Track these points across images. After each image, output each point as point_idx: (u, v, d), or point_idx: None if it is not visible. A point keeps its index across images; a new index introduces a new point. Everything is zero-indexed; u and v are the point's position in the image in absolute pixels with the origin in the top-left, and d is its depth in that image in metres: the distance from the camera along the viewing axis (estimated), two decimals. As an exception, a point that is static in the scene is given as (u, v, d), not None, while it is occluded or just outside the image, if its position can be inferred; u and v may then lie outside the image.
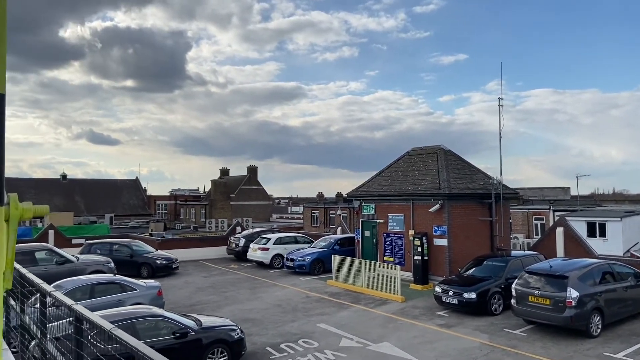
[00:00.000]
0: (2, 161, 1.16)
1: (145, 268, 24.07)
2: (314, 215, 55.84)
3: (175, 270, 25.15)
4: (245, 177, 69.17)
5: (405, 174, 24.01)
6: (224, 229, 49.26)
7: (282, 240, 27.07)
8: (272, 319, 15.65)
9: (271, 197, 78.13)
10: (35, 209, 1.26)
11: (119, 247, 25.11)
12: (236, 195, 66.23)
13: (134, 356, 2.31)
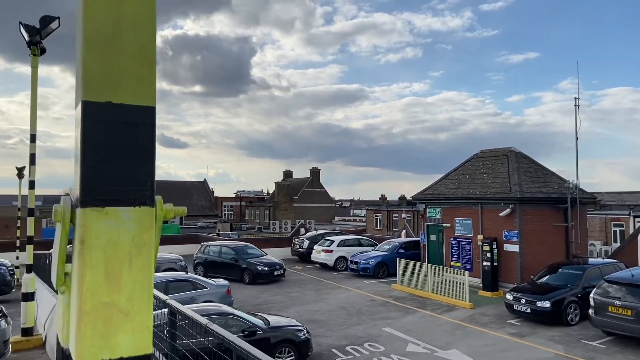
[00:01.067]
0: (153, 167, 1.23)
1: (247, 273, 22.48)
2: (376, 218, 55.43)
3: (280, 277, 22.88)
4: (308, 180, 69.83)
5: (473, 177, 23.31)
6: (287, 230, 49.94)
7: (346, 243, 27.04)
8: (337, 321, 15.63)
9: (333, 199, 78.39)
10: (175, 209, 1.34)
11: (226, 249, 23.96)
12: (299, 197, 66.99)
13: (229, 349, 2.35)
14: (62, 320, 1.32)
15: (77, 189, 1.26)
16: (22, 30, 10.50)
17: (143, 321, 1.24)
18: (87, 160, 1.22)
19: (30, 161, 10.66)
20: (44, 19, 10.30)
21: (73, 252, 1.28)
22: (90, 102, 1.22)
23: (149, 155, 1.29)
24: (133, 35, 1.27)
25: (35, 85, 10.76)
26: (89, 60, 1.22)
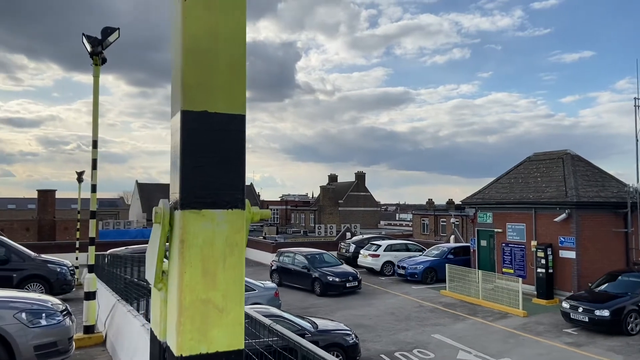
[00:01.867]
0: (244, 172, 1.31)
1: (317, 284, 20.74)
2: (423, 223, 54.68)
3: (355, 289, 20.90)
4: (353, 184, 69.74)
5: (526, 180, 22.64)
6: (332, 234, 50.02)
7: (393, 248, 26.83)
8: (386, 326, 15.53)
9: (378, 203, 77.91)
10: (261, 212, 1.42)
11: (299, 257, 22.26)
12: (344, 201, 66.99)
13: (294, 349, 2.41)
14: (159, 315, 1.41)
15: (176, 192, 1.35)
16: (84, 41, 11.02)
17: (236, 317, 1.32)
18: (186, 166, 1.31)
19: (92, 166, 11.17)
20: (105, 30, 10.80)
21: (171, 251, 1.36)
22: (188, 111, 1.31)
23: (240, 160, 1.37)
24: (226, 48, 1.35)
25: (97, 94, 11.29)
26: (187, 72, 1.31)
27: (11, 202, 63.08)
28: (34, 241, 33.86)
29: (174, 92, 1.39)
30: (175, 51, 1.37)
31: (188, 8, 1.31)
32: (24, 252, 16.56)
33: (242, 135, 1.38)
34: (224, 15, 1.34)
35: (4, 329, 6.75)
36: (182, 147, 1.31)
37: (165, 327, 1.38)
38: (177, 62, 1.34)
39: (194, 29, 1.32)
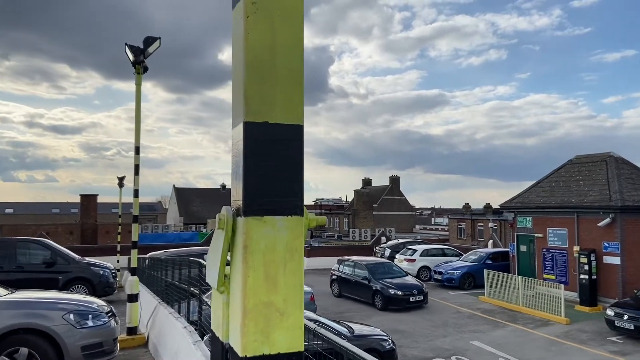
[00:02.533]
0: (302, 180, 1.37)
1: (378, 297, 18.77)
2: (460, 227, 53.83)
3: (423, 304, 18.74)
4: (388, 187, 69.31)
5: (567, 184, 22.03)
6: (367, 238, 49.79)
7: (429, 252, 26.53)
8: (423, 332, 15.36)
9: (413, 207, 77.17)
10: (317, 218, 1.47)
11: (360, 266, 20.34)
12: (378, 205, 66.64)
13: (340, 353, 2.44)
14: (222, 317, 1.47)
15: (238, 200, 1.41)
16: (127, 51, 11.37)
17: (296, 321, 1.36)
18: (248, 174, 1.37)
19: (134, 171, 11.50)
20: (147, 40, 11.12)
21: (233, 256, 1.42)
22: (251, 122, 1.37)
23: (299, 169, 1.42)
24: (285, 61, 1.41)
25: (139, 102, 11.62)
26: (249, 85, 1.37)
27: (55, 207, 65.42)
28: (77, 244, 35.04)
29: (236, 104, 1.45)
30: (237, 65, 1.43)
31: (250, 23, 1.37)
32: (69, 255, 17.15)
33: (301, 145, 1.44)
34: (283, 29, 1.40)
35: (53, 329, 7.00)
36: (245, 157, 1.38)
37: (228, 328, 1.44)
38: (239, 75, 1.40)
39: (255, 43, 1.38)
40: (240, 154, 1.40)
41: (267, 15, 1.38)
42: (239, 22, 1.42)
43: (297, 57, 1.43)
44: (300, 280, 1.40)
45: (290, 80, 1.42)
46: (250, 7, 1.37)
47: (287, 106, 1.42)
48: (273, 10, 1.39)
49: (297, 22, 1.42)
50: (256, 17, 1.38)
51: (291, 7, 1.41)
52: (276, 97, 1.40)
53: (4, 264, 15.41)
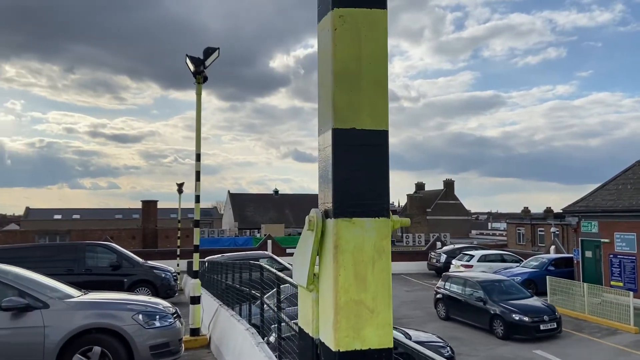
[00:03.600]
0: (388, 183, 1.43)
1: (498, 323, 15.45)
2: (519, 232, 52.06)
3: (556, 332, 15.17)
4: (442, 192, 68.07)
5: (636, 186, 20.90)
6: (421, 243, 49.08)
7: (487, 258, 25.85)
8: (482, 340, 14.98)
9: (469, 212, 75.35)
10: (401, 220, 1.53)
11: (471, 284, 17.22)
12: (432, 210, 65.55)
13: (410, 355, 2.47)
14: (311, 314, 1.55)
15: (327, 202, 1.50)
16: (187, 61, 11.82)
17: (385, 318, 1.43)
18: (338, 178, 1.45)
19: (196, 177, 11.93)
20: (207, 51, 11.53)
21: (323, 255, 1.50)
22: (339, 129, 1.46)
23: (385, 172, 1.49)
24: (371, 70, 1.48)
25: (199, 111, 12.05)
26: (337, 94, 1.46)
27: (118, 212, 68.46)
28: (139, 248, 36.49)
29: (324, 112, 1.54)
30: (325, 74, 1.52)
31: (338, 36, 1.46)
32: (133, 259, 17.93)
33: (386, 149, 1.51)
34: (369, 40, 1.48)
35: (124, 329, 7.34)
36: (334, 162, 1.46)
37: (318, 325, 1.52)
38: (327, 84, 1.49)
39: (343, 54, 1.46)
40: (329, 159, 1.48)
41: (354, 28, 1.46)
42: (326, 35, 1.50)
43: (382, 65, 1.51)
44: (388, 279, 1.46)
45: (375, 88, 1.49)
46: (337, 21, 1.46)
47: (372, 113, 1.49)
48: (359, 23, 1.47)
49: (381, 33, 1.49)
50: (343, 30, 1.46)
51: (376, 19, 1.48)
52: (362, 105, 1.48)
53: (74, 267, 16.27)
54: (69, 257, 16.70)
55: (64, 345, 6.98)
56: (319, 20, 1.57)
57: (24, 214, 65.08)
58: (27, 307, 6.93)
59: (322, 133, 1.55)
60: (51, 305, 7.13)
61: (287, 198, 70.68)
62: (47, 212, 64.15)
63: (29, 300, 7.00)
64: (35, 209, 65.58)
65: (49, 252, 18.00)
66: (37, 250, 19.33)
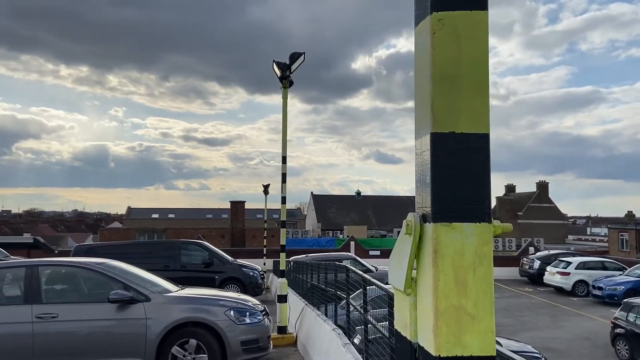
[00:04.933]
0: (489, 187, 1.41)
1: None
2: (621, 238, 48.07)
3: None
4: (534, 194, 64.55)
5: None
6: (511, 248, 46.83)
7: (587, 265, 24.16)
8: (581, 352, 14.04)
9: (565, 216, 70.79)
10: (503, 226, 1.50)
11: None
12: (524, 213, 62.34)
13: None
14: (409, 318, 1.55)
15: (425, 207, 1.50)
16: (274, 67, 12.17)
17: (487, 325, 1.40)
18: (436, 183, 1.45)
19: (282, 179, 12.24)
20: (293, 55, 11.81)
21: (421, 260, 1.51)
22: (438, 133, 1.45)
23: (486, 176, 1.46)
24: (471, 73, 1.46)
25: (286, 114, 12.36)
26: (436, 98, 1.45)
27: (209, 212, 71.76)
28: (228, 247, 38.07)
29: (421, 116, 1.53)
30: (423, 78, 1.52)
31: (437, 39, 1.45)
32: (224, 257, 18.76)
33: (487, 153, 1.47)
34: (469, 42, 1.46)
35: (217, 324, 7.69)
36: (433, 166, 1.45)
37: (416, 329, 1.52)
38: (426, 88, 1.49)
39: (442, 57, 1.45)
40: (427, 163, 1.48)
41: (453, 30, 1.45)
42: (424, 39, 1.50)
43: (483, 68, 1.48)
44: (490, 286, 1.43)
45: (476, 91, 1.47)
46: (436, 24, 1.45)
47: (472, 116, 1.46)
48: (459, 25, 1.45)
49: (482, 34, 1.47)
50: (443, 33, 1.45)
51: (477, 21, 1.46)
52: (462, 108, 1.46)
53: (171, 263, 17.29)
54: (165, 253, 17.77)
55: (163, 336, 7.44)
56: (416, 25, 1.57)
57: (125, 213, 70.25)
58: (131, 300, 7.46)
59: (420, 137, 1.55)
60: (152, 298, 7.63)
61: (370, 199, 70.46)
62: (146, 211, 68.73)
63: (132, 293, 7.53)
64: (135, 208, 70.53)
65: (148, 248, 19.34)
66: (138, 246, 20.88)
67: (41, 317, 7.20)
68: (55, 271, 8.57)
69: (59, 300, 7.86)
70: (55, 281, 8.43)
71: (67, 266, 8.70)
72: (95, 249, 18.05)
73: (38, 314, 7.22)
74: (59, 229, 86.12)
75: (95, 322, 7.45)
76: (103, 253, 15.59)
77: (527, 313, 19.30)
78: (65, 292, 8.30)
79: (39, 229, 73.61)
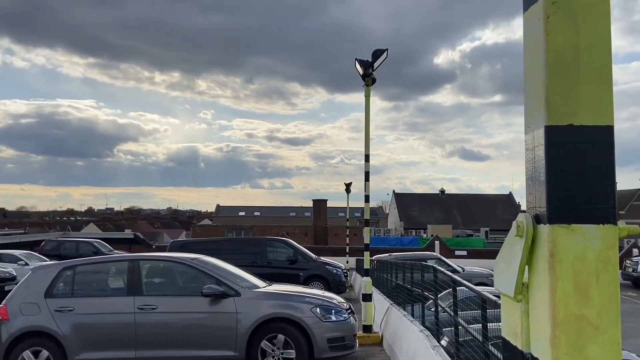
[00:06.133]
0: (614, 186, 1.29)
1: None
2: None
3: None
4: (638, 192, 59.46)
5: None
6: (612, 250, 43.45)
7: (701, 269, 21.85)
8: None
9: (674, 215, 64.48)
10: (629, 228, 1.37)
11: None
12: (626, 212, 57.56)
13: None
14: (520, 327, 1.45)
15: (539, 207, 1.38)
16: (357, 65, 12.11)
17: (612, 336, 1.27)
18: (552, 181, 1.33)
19: (365, 178, 12.17)
20: (376, 53, 11.69)
21: (534, 264, 1.40)
22: (554, 126, 1.33)
23: (610, 173, 1.33)
24: (590, 60, 1.34)
25: (368, 113, 12.27)
26: (551, 88, 1.33)
27: (292, 210, 73.35)
28: (311, 245, 38.66)
29: (533, 108, 1.42)
30: (534, 67, 1.40)
31: (551, 24, 1.34)
32: (307, 254, 19.04)
33: (611, 147, 1.34)
34: (588, 27, 1.33)
35: (304, 320, 7.79)
36: (548, 162, 1.34)
37: (529, 338, 1.42)
38: (538, 77, 1.37)
39: (557, 44, 1.33)
40: (541, 159, 1.37)
41: (570, 14, 1.33)
42: (536, 24, 1.39)
43: (604, 53, 1.34)
44: (616, 293, 1.30)
45: (596, 80, 1.33)
46: (550, 7, 1.33)
47: (593, 107, 1.33)
48: (576, 8, 1.33)
49: (603, 17, 1.33)
50: (557, 17, 1.33)
51: (596, 2, 1.33)
52: (581, 98, 1.33)
53: (257, 259, 17.80)
54: (252, 250, 18.36)
55: (253, 331, 7.66)
56: (525, 9, 1.45)
57: (215, 211, 73.68)
58: (223, 295, 7.75)
59: (531, 131, 1.43)
60: (242, 294, 7.88)
61: (455, 198, 68.37)
62: (234, 209, 71.60)
63: (224, 288, 7.82)
64: (224, 206, 73.70)
65: (237, 245, 20.09)
66: (227, 243, 21.76)
67: (142, 309, 7.68)
68: (154, 265, 9.12)
69: (157, 292, 8.36)
70: (154, 275, 8.98)
71: (165, 261, 9.25)
72: (188, 245, 19.01)
73: (140, 305, 7.71)
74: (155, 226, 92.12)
75: (190, 314, 7.82)
76: (195, 249, 16.43)
77: (631, 319, 17.74)
78: (163, 285, 8.83)
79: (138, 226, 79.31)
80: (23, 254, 23.23)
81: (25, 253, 23.85)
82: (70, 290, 8.18)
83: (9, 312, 7.76)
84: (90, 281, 8.76)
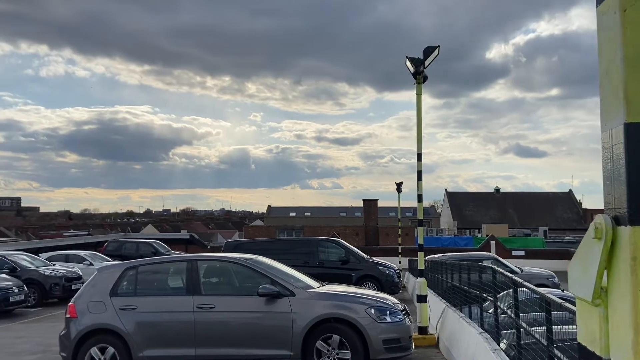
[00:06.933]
0: None
1: None
2: None
3: None
4: None
5: None
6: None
7: None
8: None
9: None
10: None
11: None
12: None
13: None
14: (598, 332, 1.39)
15: (619, 207, 1.33)
16: (407, 63, 11.97)
17: None
18: (634, 180, 1.27)
19: (418, 177, 12.00)
20: (427, 50, 11.51)
21: (614, 268, 1.34)
22: (635, 123, 1.27)
23: None
24: None
25: (420, 111, 12.08)
26: (630, 83, 1.27)
27: (342, 210, 73.34)
28: (362, 245, 38.51)
29: (610, 104, 1.36)
30: (611, 62, 1.35)
31: (629, 17, 1.28)
32: (359, 254, 18.96)
33: None
34: None
35: (359, 321, 7.76)
36: (629, 161, 1.28)
37: (608, 344, 1.36)
38: (616, 72, 1.31)
39: (636, 37, 1.27)
40: (621, 158, 1.31)
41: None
42: (611, 18, 1.33)
43: None
44: None
45: None
46: (627, 0, 1.27)
47: None
48: None
49: None
50: (635, 9, 1.27)
51: None
52: None
53: (310, 259, 17.87)
54: (304, 250, 18.45)
55: (308, 331, 7.71)
56: (598, 3, 1.39)
57: (266, 212, 74.74)
58: (278, 295, 7.85)
59: (609, 129, 1.37)
60: (297, 294, 7.94)
61: (510, 196, 66.30)
62: (284, 209, 72.43)
63: (279, 288, 7.91)
64: (275, 207, 74.71)
65: (289, 245, 20.26)
66: (279, 243, 22.02)
67: (201, 307, 7.90)
68: (211, 265, 9.36)
69: (215, 292, 8.57)
70: (211, 274, 9.22)
71: (221, 261, 9.48)
72: (242, 245, 19.37)
73: (198, 304, 7.93)
74: (210, 227, 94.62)
75: (247, 313, 7.97)
76: (249, 249, 16.73)
77: None
78: (220, 285, 9.04)
79: (194, 227, 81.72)
80: (88, 255, 24.42)
81: (89, 253, 25.06)
82: (133, 290, 8.53)
83: (77, 310, 8.17)
84: (151, 280, 9.10)
